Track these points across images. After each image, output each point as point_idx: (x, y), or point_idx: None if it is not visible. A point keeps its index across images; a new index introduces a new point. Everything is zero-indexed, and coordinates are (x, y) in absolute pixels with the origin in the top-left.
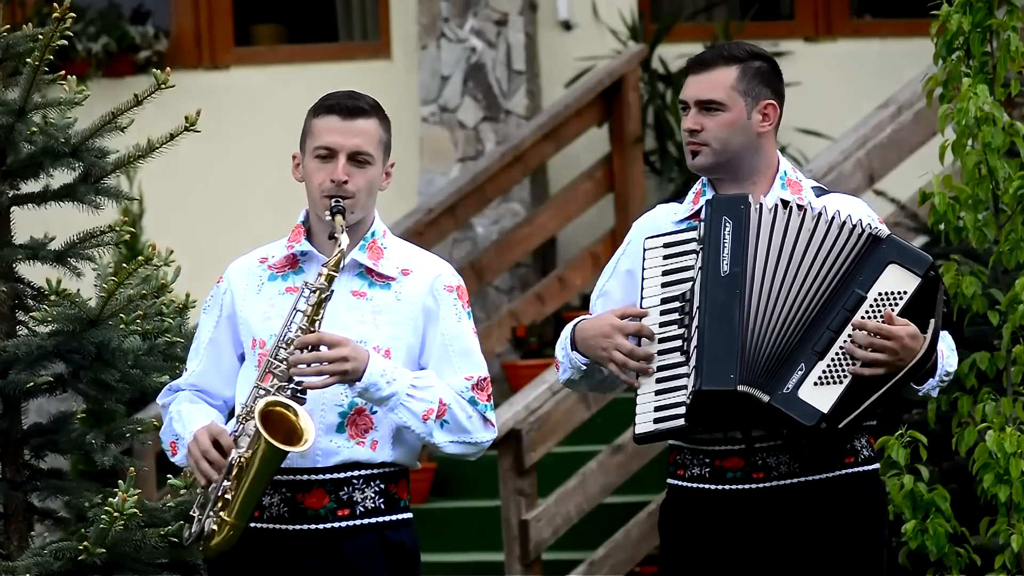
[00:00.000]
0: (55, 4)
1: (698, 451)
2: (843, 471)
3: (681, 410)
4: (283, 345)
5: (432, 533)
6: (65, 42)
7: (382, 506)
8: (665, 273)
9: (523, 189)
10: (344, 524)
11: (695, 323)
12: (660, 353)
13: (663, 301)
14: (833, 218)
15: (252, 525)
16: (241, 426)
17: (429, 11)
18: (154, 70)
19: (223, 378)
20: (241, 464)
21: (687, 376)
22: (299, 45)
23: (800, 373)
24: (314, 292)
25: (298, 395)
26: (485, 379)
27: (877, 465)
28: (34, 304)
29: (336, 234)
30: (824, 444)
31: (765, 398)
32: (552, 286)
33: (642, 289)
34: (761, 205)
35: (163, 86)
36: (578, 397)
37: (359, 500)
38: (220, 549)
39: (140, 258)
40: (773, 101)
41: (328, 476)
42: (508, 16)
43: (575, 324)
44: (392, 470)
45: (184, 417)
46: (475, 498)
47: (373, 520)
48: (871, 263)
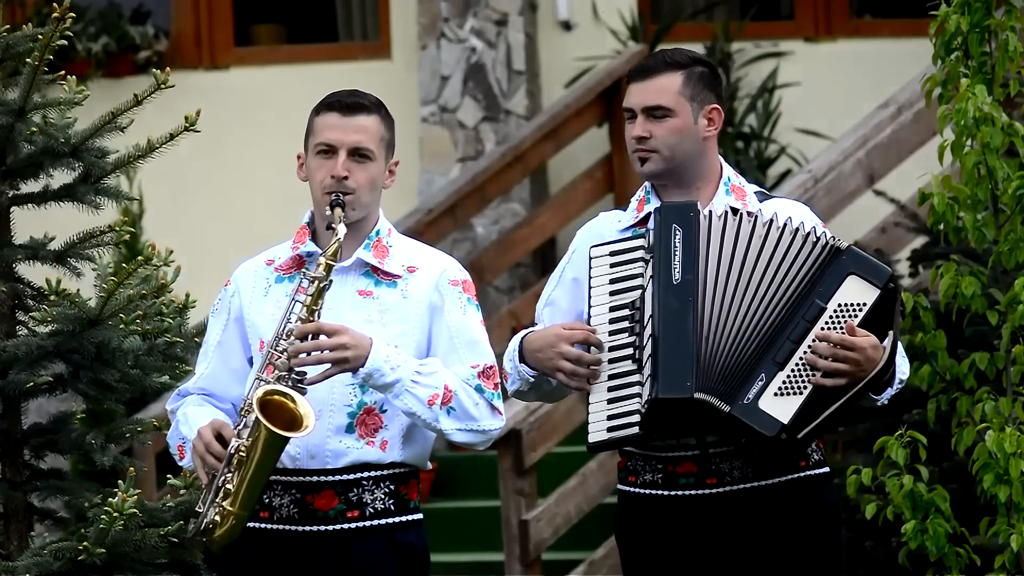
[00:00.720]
0: (55, 4)
1: (650, 457)
2: (795, 475)
3: (635, 418)
4: (283, 336)
5: (432, 533)
6: (65, 42)
7: (392, 507)
8: (613, 281)
9: (523, 189)
10: (354, 525)
11: (647, 331)
12: (611, 361)
13: (611, 309)
14: (785, 225)
15: (262, 526)
16: (243, 419)
17: (429, 11)
18: (154, 70)
19: (232, 380)
20: (242, 454)
21: (640, 384)
22: (299, 45)
23: (760, 383)
24: (312, 282)
25: (299, 385)
26: (492, 367)
27: (827, 468)
28: (34, 304)
29: (333, 224)
30: (779, 452)
31: (725, 408)
32: None
33: (589, 298)
34: (711, 212)
35: (163, 86)
36: (578, 397)
37: (369, 501)
38: (223, 541)
39: (140, 258)
40: (717, 105)
41: (338, 477)
42: (508, 16)
43: (522, 336)
44: (402, 471)
45: (190, 419)
46: (475, 498)
47: (383, 521)
48: (831, 274)
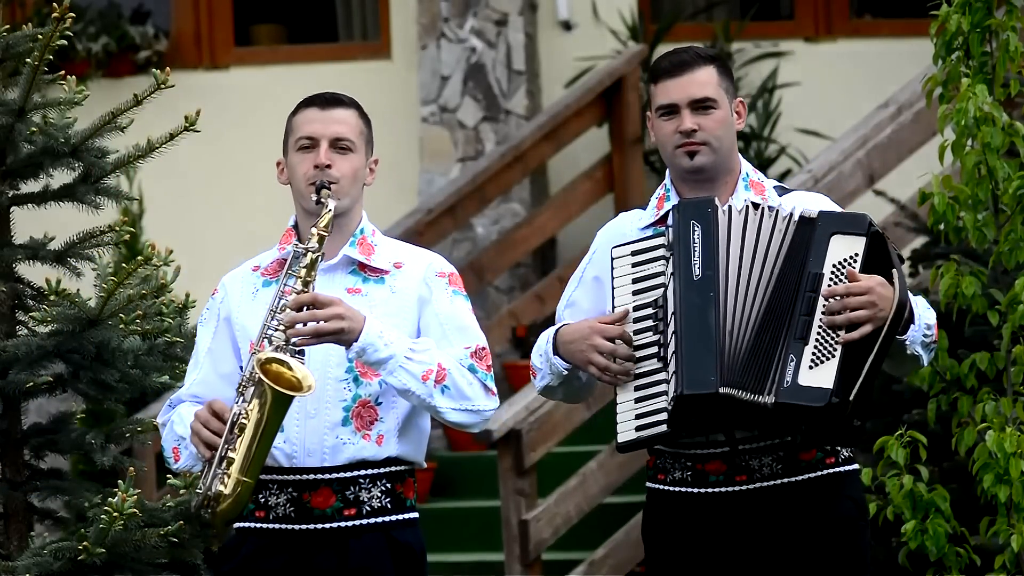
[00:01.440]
0: (55, 4)
1: (679, 455)
2: (824, 471)
3: (663, 416)
4: (277, 310)
5: (432, 533)
6: (65, 42)
7: (388, 506)
8: (635, 281)
9: (523, 189)
10: (351, 524)
11: (671, 328)
12: (637, 360)
13: (635, 308)
14: (776, 212)
15: (258, 526)
16: (240, 396)
17: (429, 11)
18: (154, 70)
19: (224, 386)
20: (244, 420)
21: (666, 382)
22: (299, 45)
23: (793, 364)
24: (305, 254)
25: (296, 356)
26: (484, 349)
27: (857, 465)
28: (34, 304)
29: (323, 199)
30: (838, 423)
31: (769, 400)
32: (552, 286)
33: (612, 298)
34: (730, 207)
35: (163, 86)
36: None
37: (365, 500)
38: (230, 513)
39: (140, 258)
40: (741, 99)
41: (335, 476)
42: (508, 16)
43: (556, 329)
44: (399, 469)
45: (184, 418)
46: (475, 498)
47: (380, 520)
48: (815, 243)
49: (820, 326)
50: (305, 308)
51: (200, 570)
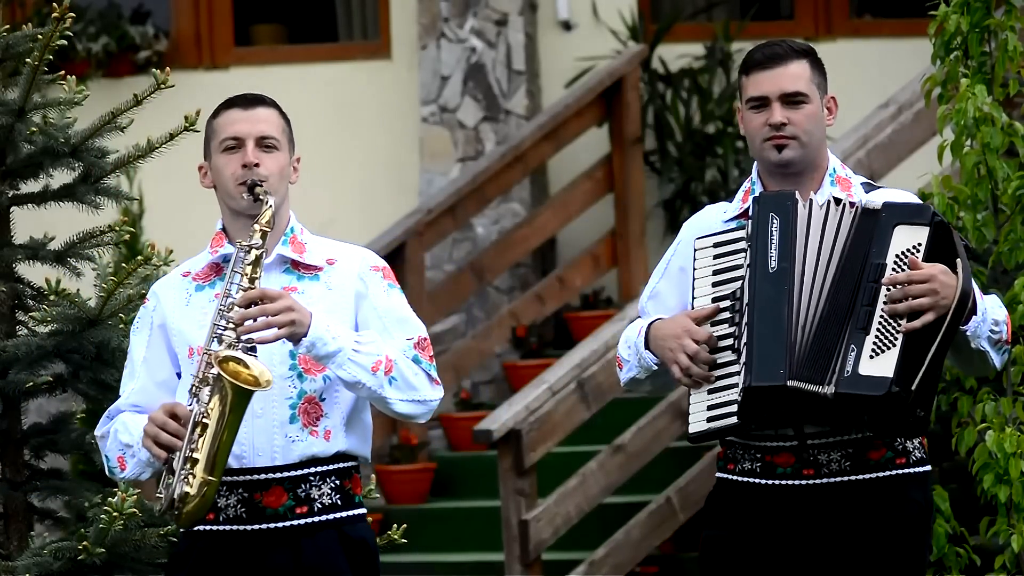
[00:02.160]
0: (55, 4)
1: (749, 446)
2: (894, 471)
3: (734, 408)
4: (225, 308)
5: (432, 533)
6: (65, 42)
7: (339, 502)
8: (716, 272)
9: (523, 189)
10: (303, 522)
11: (744, 320)
12: (713, 351)
13: (714, 300)
14: (856, 207)
15: (208, 528)
16: (195, 399)
17: (429, 11)
18: (154, 70)
19: (162, 393)
20: (206, 420)
21: (738, 374)
22: (299, 45)
23: (854, 354)
24: (248, 251)
25: (248, 352)
26: (425, 339)
27: (929, 467)
28: (34, 304)
29: (260, 196)
30: (901, 413)
31: (829, 391)
32: (552, 286)
33: (693, 289)
34: (811, 201)
35: (163, 86)
36: (578, 397)
37: (316, 497)
38: (195, 516)
39: (140, 258)
40: (833, 96)
41: (286, 474)
42: (508, 16)
43: (649, 323)
44: (346, 465)
45: (129, 427)
46: (475, 498)
47: (331, 516)
48: (878, 233)
49: (882, 316)
50: (254, 304)
51: None
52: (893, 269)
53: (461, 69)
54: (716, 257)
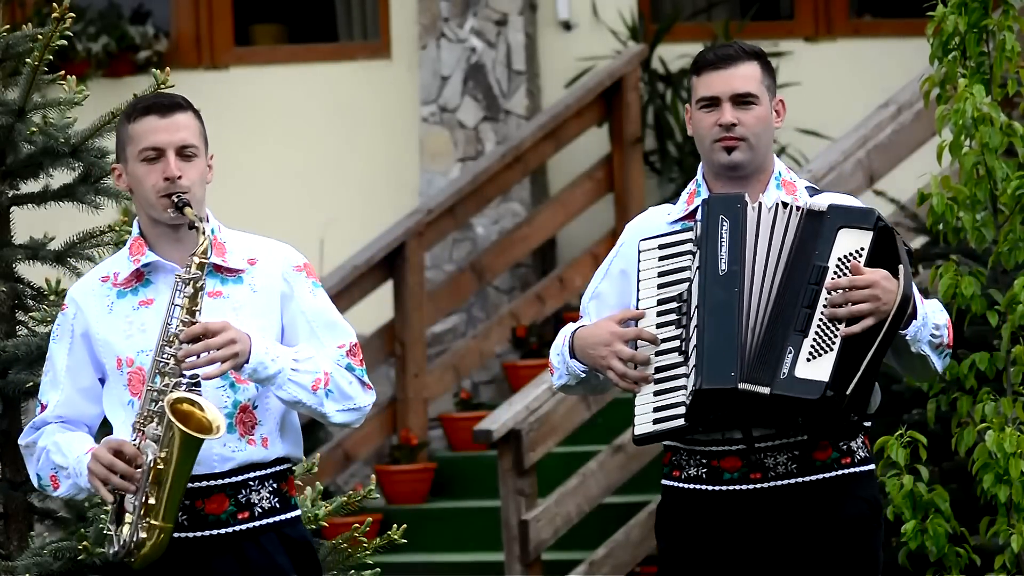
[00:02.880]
0: (55, 4)
1: (695, 452)
2: (840, 471)
3: (681, 410)
4: (167, 342)
5: (432, 533)
6: (65, 42)
7: (277, 505)
8: (661, 274)
9: (523, 189)
10: (246, 527)
11: (693, 322)
12: (658, 354)
13: (659, 302)
14: (790, 207)
15: None
16: (138, 435)
17: (429, 11)
18: (154, 70)
19: (86, 402)
20: (159, 466)
21: (686, 376)
22: (299, 45)
23: (791, 356)
24: (188, 283)
25: (193, 389)
26: (356, 344)
27: (873, 466)
28: (34, 304)
29: (196, 224)
30: (836, 416)
31: (766, 391)
32: (552, 286)
33: (638, 291)
34: (760, 204)
35: (163, 86)
36: (578, 397)
37: (256, 501)
38: (150, 558)
39: None
40: (781, 99)
41: (227, 480)
42: (508, 16)
43: (573, 331)
44: (282, 468)
45: (62, 448)
46: (475, 498)
47: (271, 520)
48: (822, 236)
49: (821, 319)
50: (196, 339)
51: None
52: (835, 272)
53: (461, 69)
54: (661, 259)
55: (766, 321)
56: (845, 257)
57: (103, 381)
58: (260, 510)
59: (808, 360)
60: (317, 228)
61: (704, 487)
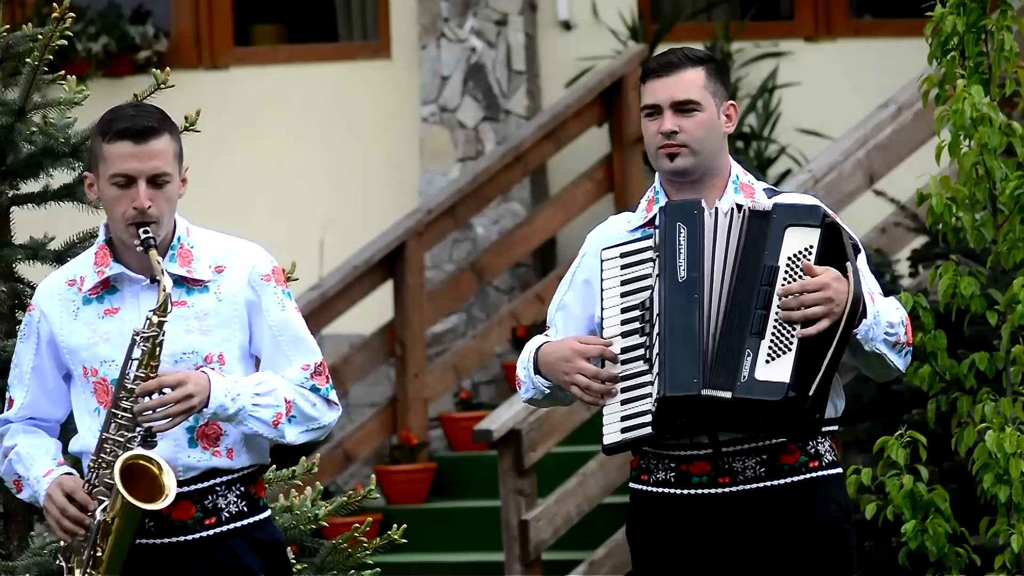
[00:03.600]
0: (55, 4)
1: (663, 456)
2: (807, 475)
3: (648, 418)
4: (123, 395)
5: (432, 533)
6: (65, 42)
7: (245, 509)
8: (624, 283)
9: (523, 189)
10: (212, 532)
11: (655, 330)
12: (624, 363)
13: (623, 311)
14: (743, 209)
15: None
16: (95, 475)
17: (429, 11)
18: (154, 70)
19: (52, 401)
20: (109, 522)
21: (651, 384)
22: (299, 45)
23: (749, 359)
24: (147, 339)
25: (148, 440)
26: (321, 363)
27: (841, 469)
28: None
29: (157, 275)
30: (799, 417)
31: (727, 395)
32: (552, 286)
33: (602, 300)
34: (716, 209)
35: (163, 86)
36: None
37: (223, 506)
38: None
39: None
40: (733, 103)
41: (192, 487)
42: (508, 16)
43: (537, 348)
44: (249, 471)
45: (24, 458)
46: (475, 498)
47: (239, 524)
48: (771, 235)
49: (776, 320)
50: (152, 394)
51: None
52: (786, 271)
53: (461, 69)
54: (623, 267)
55: (723, 325)
56: (795, 256)
57: (69, 377)
58: (228, 514)
59: (767, 362)
60: (317, 228)
61: (672, 491)
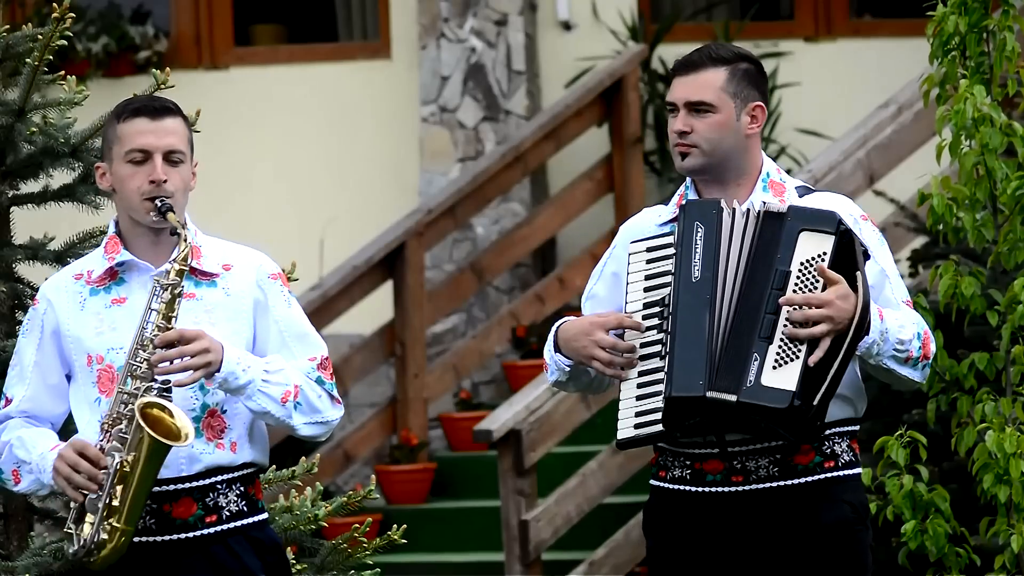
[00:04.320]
0: (55, 4)
1: (679, 453)
2: (822, 476)
3: (659, 415)
4: (141, 346)
5: (432, 533)
6: (65, 42)
7: (245, 509)
8: (648, 277)
9: (523, 189)
10: (213, 530)
11: (669, 328)
12: (642, 358)
13: (645, 305)
14: (750, 211)
15: None
16: (106, 435)
17: (429, 11)
18: (154, 70)
19: (52, 399)
20: (125, 468)
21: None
22: (299, 45)
23: (756, 363)
24: (166, 289)
25: (163, 394)
26: (327, 358)
27: (859, 470)
28: None
29: (179, 229)
30: (802, 424)
31: (732, 398)
32: (552, 286)
33: (627, 293)
34: (734, 209)
35: (163, 86)
36: (578, 397)
37: (224, 505)
38: (110, 560)
39: None
40: (761, 103)
41: (194, 484)
42: (508, 16)
43: (557, 326)
44: (249, 472)
45: (26, 442)
46: (475, 498)
47: (238, 523)
48: (784, 239)
49: (784, 326)
50: (171, 345)
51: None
52: (798, 277)
53: (461, 69)
54: (649, 262)
55: (732, 327)
56: (807, 262)
57: (69, 379)
58: (228, 513)
59: (774, 368)
60: (317, 228)
61: (688, 488)
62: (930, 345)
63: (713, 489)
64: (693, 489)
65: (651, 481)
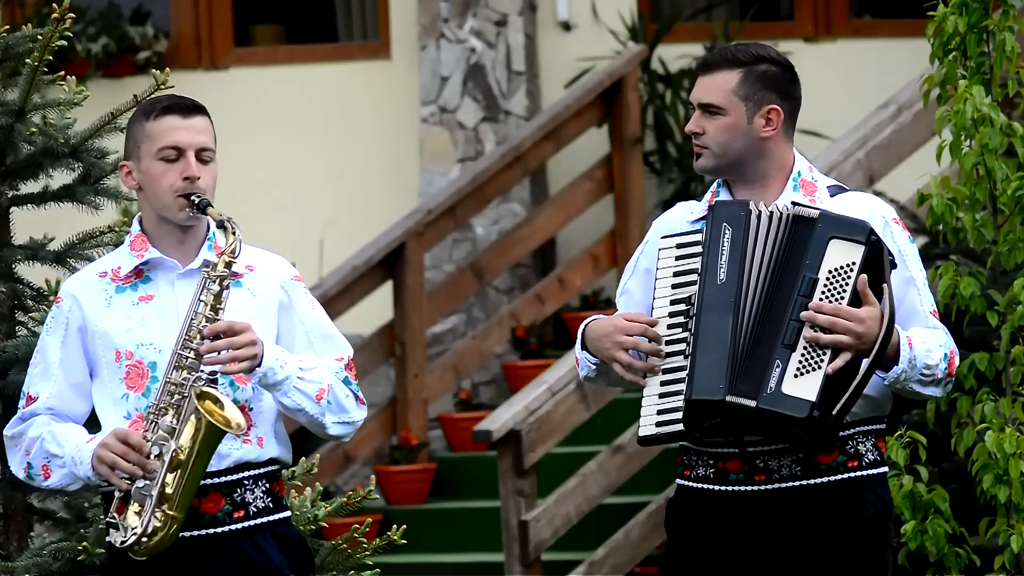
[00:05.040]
0: (55, 4)
1: (702, 452)
2: (846, 475)
3: (680, 415)
4: (189, 337)
5: (432, 533)
6: (65, 42)
7: (271, 505)
8: (676, 274)
9: (523, 189)
10: (240, 526)
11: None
12: (667, 355)
13: (672, 302)
14: (781, 214)
15: None
16: (152, 424)
17: (429, 11)
18: (154, 70)
19: (76, 397)
20: (180, 456)
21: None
22: (299, 45)
23: (778, 369)
24: (215, 280)
25: (211, 384)
26: (352, 359)
27: (884, 469)
28: (34, 304)
29: (225, 223)
30: (820, 433)
31: (752, 404)
32: (552, 286)
33: (655, 289)
34: (761, 212)
35: (163, 86)
36: (578, 397)
37: (251, 500)
38: (158, 548)
39: None
40: (777, 106)
41: (222, 479)
42: (508, 16)
43: (585, 324)
44: (274, 469)
45: (57, 436)
46: (475, 498)
47: (265, 519)
48: (813, 245)
49: (814, 328)
50: (219, 336)
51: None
52: (825, 285)
53: (461, 69)
54: (678, 259)
55: (756, 332)
56: (835, 271)
57: (92, 377)
58: (255, 509)
59: (796, 376)
60: (317, 228)
61: (711, 487)
62: (955, 362)
63: (736, 488)
64: (716, 488)
65: (677, 480)
